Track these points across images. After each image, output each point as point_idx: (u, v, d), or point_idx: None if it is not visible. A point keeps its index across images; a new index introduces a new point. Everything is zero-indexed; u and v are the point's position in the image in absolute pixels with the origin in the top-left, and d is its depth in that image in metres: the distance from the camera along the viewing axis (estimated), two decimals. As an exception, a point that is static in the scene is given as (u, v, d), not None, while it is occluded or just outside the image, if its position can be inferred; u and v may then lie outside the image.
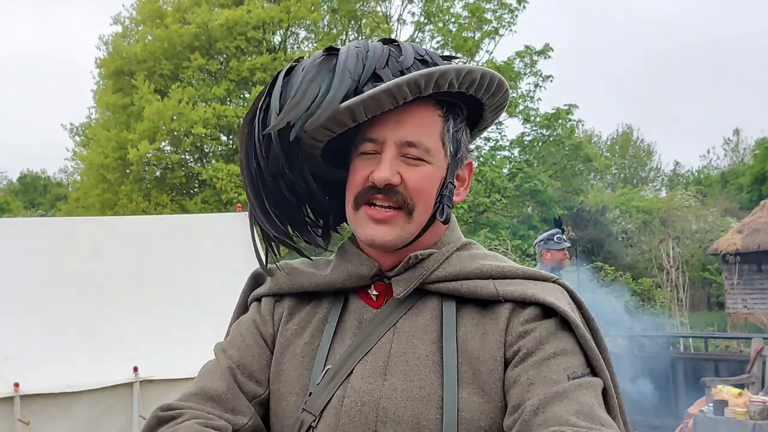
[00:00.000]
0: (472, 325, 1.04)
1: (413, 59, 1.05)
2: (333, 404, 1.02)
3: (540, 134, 17.20)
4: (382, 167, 1.02)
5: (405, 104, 1.02)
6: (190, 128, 16.44)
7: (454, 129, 1.08)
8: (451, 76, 1.01)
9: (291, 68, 1.08)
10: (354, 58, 1.03)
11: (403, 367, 1.01)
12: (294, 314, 1.14)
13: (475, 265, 1.07)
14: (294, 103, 1.00)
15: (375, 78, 1.02)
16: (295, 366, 1.08)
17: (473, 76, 1.03)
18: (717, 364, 7.58)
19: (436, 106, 1.06)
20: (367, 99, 0.98)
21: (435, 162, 1.05)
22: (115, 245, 4.82)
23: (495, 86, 1.07)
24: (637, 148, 35.75)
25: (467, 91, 1.05)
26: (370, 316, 1.08)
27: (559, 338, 0.99)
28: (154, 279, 4.70)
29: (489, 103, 1.10)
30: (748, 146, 33.55)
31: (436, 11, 18.10)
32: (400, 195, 1.03)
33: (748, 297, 14.38)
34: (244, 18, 17.10)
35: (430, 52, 1.09)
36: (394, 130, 1.03)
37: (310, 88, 1.01)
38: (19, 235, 4.72)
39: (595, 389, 0.95)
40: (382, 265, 1.09)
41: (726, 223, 20.47)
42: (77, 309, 4.37)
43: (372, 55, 1.04)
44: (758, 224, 16.13)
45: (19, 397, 3.75)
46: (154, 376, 4.11)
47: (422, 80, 0.99)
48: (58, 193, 29.18)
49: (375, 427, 0.99)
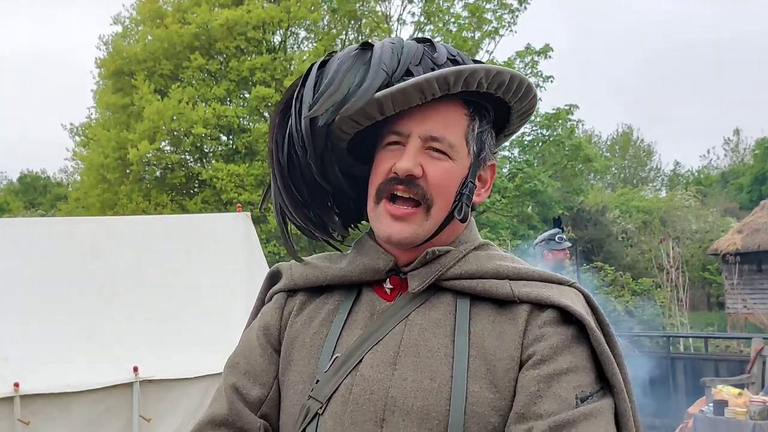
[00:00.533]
0: (488, 322, 1.04)
1: (446, 58, 1.07)
2: (341, 392, 1.02)
3: (540, 134, 17.18)
4: (406, 158, 1.04)
5: (433, 101, 1.03)
6: (190, 128, 16.42)
7: (479, 129, 1.09)
8: (480, 76, 1.02)
9: (324, 61, 1.09)
10: (389, 53, 1.05)
11: (414, 359, 1.02)
12: (305, 307, 1.15)
13: (492, 265, 1.08)
14: (331, 92, 1.02)
15: (407, 74, 1.04)
16: (303, 355, 1.09)
17: (502, 78, 1.04)
18: (717, 364, 7.58)
19: (463, 105, 1.07)
20: (396, 92, 1.00)
21: (458, 159, 1.07)
22: (115, 245, 4.81)
23: (524, 90, 1.08)
24: (637, 148, 35.76)
25: (495, 93, 1.06)
26: (383, 308, 1.09)
27: (572, 351, 1.00)
28: (154, 279, 4.70)
29: (516, 107, 1.11)
30: (748, 146, 33.59)
31: (436, 11, 18.08)
32: (420, 188, 1.04)
33: (748, 297, 14.39)
34: (244, 18, 17.09)
35: (462, 54, 1.10)
36: (419, 124, 1.05)
37: (346, 78, 1.03)
38: (19, 235, 4.72)
39: (605, 415, 0.96)
40: (398, 260, 1.10)
41: (726, 223, 20.49)
42: (77, 309, 4.36)
43: (407, 52, 1.06)
44: (758, 224, 16.14)
45: (19, 397, 3.74)
46: (154, 376, 4.11)
47: (452, 77, 1.01)
48: (58, 193, 29.17)
49: (383, 416, 0.99)
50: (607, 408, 0.97)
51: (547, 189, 16.32)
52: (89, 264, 4.63)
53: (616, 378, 0.99)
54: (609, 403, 0.98)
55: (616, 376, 0.99)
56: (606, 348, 0.99)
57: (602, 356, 0.99)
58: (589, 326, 1.00)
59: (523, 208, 16.90)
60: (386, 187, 1.06)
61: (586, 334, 1.00)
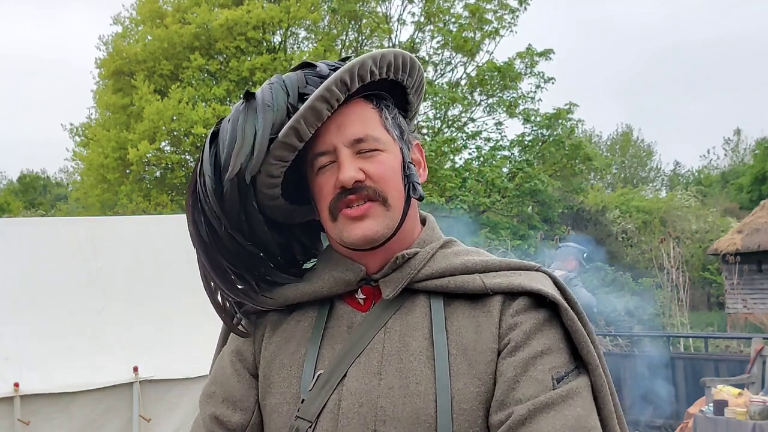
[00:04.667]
0: (464, 318, 1.05)
1: (328, 69, 1.09)
2: (329, 408, 1.02)
3: (540, 134, 17.18)
4: (344, 168, 1.04)
5: (339, 109, 1.04)
6: (190, 128, 16.43)
7: (391, 116, 1.11)
8: (369, 64, 1.04)
9: (215, 132, 1.10)
10: (269, 93, 1.06)
11: (398, 365, 1.02)
12: (277, 327, 1.13)
13: (460, 261, 1.08)
14: (239, 145, 1.02)
15: (302, 98, 1.05)
16: (284, 376, 1.08)
17: (388, 59, 1.06)
18: (717, 364, 7.56)
19: (366, 101, 1.09)
20: (304, 112, 1.01)
21: (388, 149, 1.08)
22: (115, 245, 4.82)
23: (409, 65, 1.10)
24: (637, 148, 35.76)
25: (387, 76, 1.08)
26: (359, 320, 1.08)
27: (545, 334, 1.01)
28: (154, 279, 4.70)
29: (409, 83, 1.13)
30: (748, 146, 33.60)
31: (436, 11, 18.08)
32: (369, 189, 1.05)
33: (748, 297, 14.39)
34: (244, 18, 17.09)
35: (338, 62, 1.12)
36: (338, 135, 1.06)
37: (246, 130, 1.03)
38: (19, 235, 4.72)
39: (581, 394, 0.98)
40: (367, 268, 1.10)
41: (726, 223, 20.49)
42: (77, 309, 4.37)
43: (290, 82, 1.07)
44: (758, 224, 16.14)
45: (19, 397, 3.75)
46: (154, 376, 4.12)
47: (346, 75, 1.02)
48: (58, 193, 29.18)
49: (374, 427, 0.99)
50: (584, 386, 0.99)
51: (547, 189, 16.30)
52: (89, 264, 4.62)
53: (591, 356, 1.00)
54: (585, 381, 0.99)
55: (590, 353, 1.00)
56: (579, 326, 1.01)
57: (576, 335, 1.01)
58: (562, 306, 1.02)
59: (523, 207, 16.88)
60: (337, 203, 1.05)
61: (558, 317, 1.02)
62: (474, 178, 15.83)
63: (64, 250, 4.64)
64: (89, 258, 4.66)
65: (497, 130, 17.40)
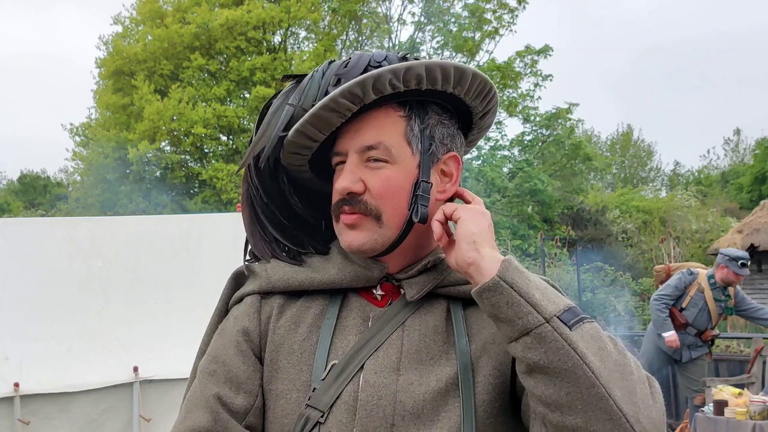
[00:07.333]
0: (483, 320, 1.06)
1: (364, 67, 1.04)
2: (344, 400, 1.01)
3: (540, 134, 17.19)
4: (342, 177, 1.05)
5: (363, 113, 1.03)
6: (190, 128, 16.45)
7: (421, 126, 1.06)
8: (387, 78, 1.00)
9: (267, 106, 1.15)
10: (307, 82, 1.09)
11: (417, 364, 1.02)
12: (284, 311, 1.11)
13: None
14: (258, 137, 1.11)
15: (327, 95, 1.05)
16: (293, 362, 1.06)
17: (416, 72, 1.01)
18: (717, 364, 7.57)
19: (397, 108, 1.06)
20: (310, 118, 1.02)
21: (400, 162, 1.05)
22: (115, 245, 4.81)
23: (453, 76, 1.03)
24: (637, 148, 35.74)
25: (419, 87, 1.03)
26: (377, 314, 1.08)
27: None
28: (154, 279, 4.70)
29: (459, 92, 1.06)
30: (748, 146, 33.58)
31: (436, 11, 18.10)
32: (362, 203, 1.04)
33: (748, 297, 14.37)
34: (244, 18, 17.10)
35: (391, 56, 1.07)
36: (353, 139, 1.05)
37: (272, 120, 1.10)
38: (19, 235, 4.72)
39: None
40: (389, 267, 1.10)
41: (726, 223, 20.46)
42: (77, 309, 4.36)
43: (325, 77, 1.08)
44: (758, 224, 16.13)
45: (19, 397, 3.75)
46: (154, 376, 4.12)
47: (357, 88, 0.99)
48: (58, 193, 29.14)
49: (393, 421, 0.99)
50: None
51: (547, 188, 16.32)
52: (89, 264, 4.62)
53: None
54: None
55: None
56: None
57: None
58: None
59: (523, 207, 16.89)
60: (336, 209, 1.07)
61: None
62: (474, 177, 15.84)
63: (64, 250, 4.63)
64: (89, 258, 4.66)
65: (497, 129, 17.42)
